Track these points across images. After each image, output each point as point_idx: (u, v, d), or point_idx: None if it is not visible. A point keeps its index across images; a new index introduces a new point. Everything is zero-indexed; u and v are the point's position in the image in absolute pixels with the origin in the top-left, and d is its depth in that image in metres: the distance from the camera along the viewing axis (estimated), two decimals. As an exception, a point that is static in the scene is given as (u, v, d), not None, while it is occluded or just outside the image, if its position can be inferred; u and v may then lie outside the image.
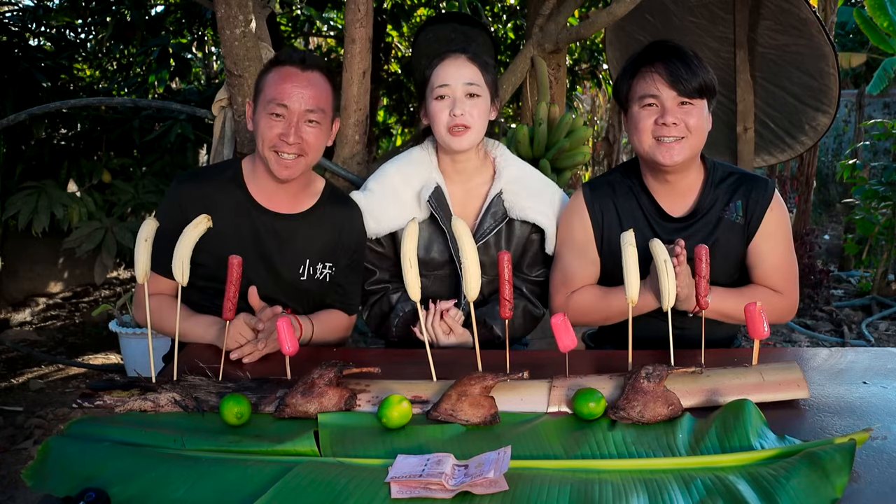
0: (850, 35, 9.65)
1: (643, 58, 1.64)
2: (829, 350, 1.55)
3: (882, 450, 1.09)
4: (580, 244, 1.74)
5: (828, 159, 8.63)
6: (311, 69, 1.65)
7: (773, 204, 1.68)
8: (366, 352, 2.28)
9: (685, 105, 1.60)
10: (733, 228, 1.69)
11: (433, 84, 1.73)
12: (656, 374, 1.22)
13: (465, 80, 1.71)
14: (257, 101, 1.68)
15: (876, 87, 7.03)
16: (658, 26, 3.68)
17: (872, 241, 5.01)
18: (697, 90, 1.59)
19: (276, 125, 1.62)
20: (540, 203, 1.81)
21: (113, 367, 3.73)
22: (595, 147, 8.11)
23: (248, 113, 1.72)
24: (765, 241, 1.68)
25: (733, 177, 1.72)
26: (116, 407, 1.27)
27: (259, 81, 1.69)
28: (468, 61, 1.73)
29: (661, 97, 1.60)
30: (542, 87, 2.87)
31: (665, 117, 1.59)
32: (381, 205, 1.80)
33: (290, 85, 1.62)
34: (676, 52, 1.61)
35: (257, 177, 1.73)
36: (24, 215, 3.78)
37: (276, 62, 1.67)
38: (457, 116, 1.69)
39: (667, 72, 1.59)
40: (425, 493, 0.97)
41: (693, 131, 1.60)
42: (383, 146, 7.29)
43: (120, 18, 4.96)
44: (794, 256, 1.72)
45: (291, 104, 1.62)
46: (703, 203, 1.69)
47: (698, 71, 1.59)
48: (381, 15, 5.43)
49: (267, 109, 1.63)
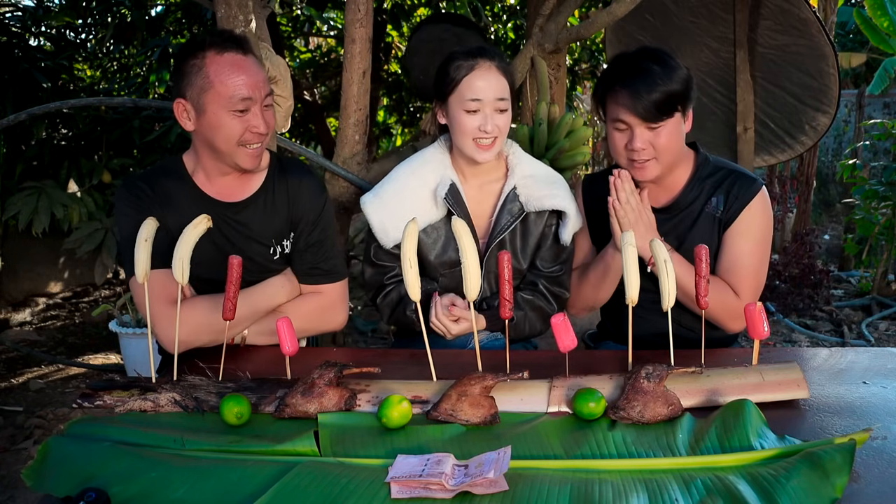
0: (850, 35, 9.66)
1: (608, 78, 1.65)
2: (829, 350, 1.55)
3: (882, 450, 1.09)
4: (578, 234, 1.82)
5: (828, 159, 8.63)
6: (248, 52, 1.56)
7: (753, 202, 1.67)
8: (366, 352, 2.28)
9: (654, 129, 1.60)
10: (714, 222, 1.70)
11: (463, 95, 1.69)
12: (656, 374, 1.22)
13: (497, 95, 1.68)
14: (198, 95, 1.53)
15: (876, 87, 7.03)
16: (658, 26, 3.68)
17: (872, 241, 5.01)
18: (665, 109, 1.58)
19: (240, 121, 1.55)
20: (556, 189, 1.80)
21: (113, 367, 3.73)
22: (595, 147, 8.11)
23: (180, 113, 1.57)
24: (733, 237, 1.68)
25: (722, 171, 1.72)
26: (116, 407, 1.28)
27: (190, 71, 1.53)
28: (499, 73, 1.70)
29: (629, 123, 1.61)
30: (542, 87, 2.87)
31: (633, 142, 1.61)
32: (395, 214, 1.76)
33: (244, 76, 1.53)
34: (636, 71, 1.59)
35: (204, 170, 1.66)
36: (25, 215, 3.78)
37: (207, 47, 1.53)
38: (488, 133, 1.69)
39: (630, 98, 1.58)
40: (425, 493, 0.97)
41: (662, 151, 1.62)
42: (383, 146, 7.29)
43: (120, 19, 4.96)
44: (762, 263, 1.69)
45: (253, 94, 1.54)
46: (685, 196, 1.72)
47: (661, 85, 1.57)
48: (381, 15, 5.43)
49: (227, 107, 1.53)
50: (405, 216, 1.75)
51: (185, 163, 1.68)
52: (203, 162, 1.65)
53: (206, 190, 1.66)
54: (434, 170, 1.79)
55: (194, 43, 1.56)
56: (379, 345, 4.09)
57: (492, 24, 6.04)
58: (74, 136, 4.53)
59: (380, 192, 1.80)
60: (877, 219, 4.86)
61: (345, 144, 2.47)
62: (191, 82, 1.54)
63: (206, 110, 1.54)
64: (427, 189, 1.78)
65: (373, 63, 2.51)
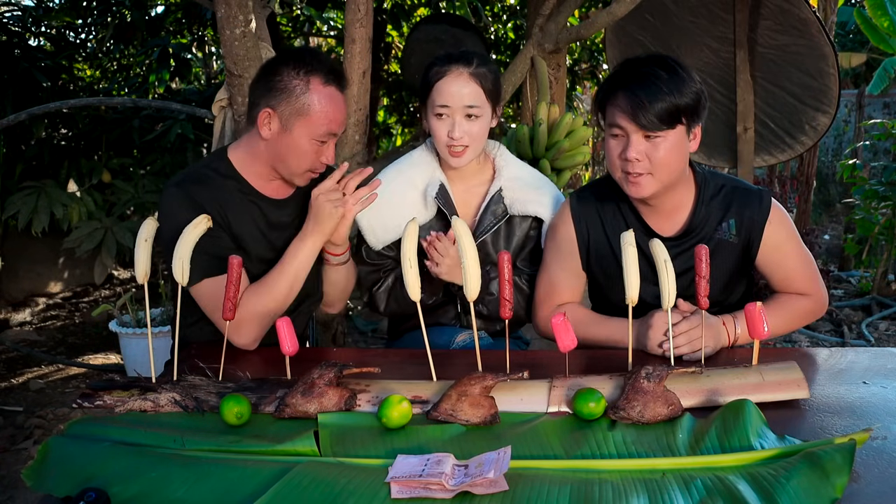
0: (850, 35, 9.66)
1: (610, 82, 1.54)
2: (829, 350, 1.55)
3: (882, 450, 1.09)
4: (564, 254, 1.70)
5: (828, 159, 8.62)
6: (345, 88, 1.63)
7: (771, 216, 1.60)
8: (366, 352, 2.28)
9: (651, 138, 1.48)
10: (726, 247, 1.62)
11: (433, 100, 1.70)
12: (656, 374, 1.22)
13: (465, 101, 1.68)
14: (290, 115, 1.57)
15: (876, 87, 7.03)
16: (658, 26, 3.68)
17: (872, 241, 5.00)
18: (667, 119, 1.45)
19: (317, 151, 1.61)
20: (540, 195, 1.81)
21: (113, 367, 3.73)
22: (595, 147, 8.10)
23: (263, 119, 1.59)
24: (773, 253, 1.62)
25: (725, 190, 1.62)
26: (116, 407, 1.27)
27: (291, 90, 1.56)
28: (470, 79, 1.69)
29: (626, 129, 1.49)
30: (542, 87, 2.87)
31: (628, 151, 1.48)
32: (383, 216, 1.77)
33: (339, 114, 1.60)
34: (640, 76, 1.47)
35: (254, 166, 1.68)
36: (24, 215, 3.78)
37: (318, 75, 1.57)
38: (455, 139, 1.69)
39: (628, 104, 1.46)
40: (425, 493, 0.97)
41: (660, 166, 1.48)
42: (383, 146, 7.29)
43: (120, 19, 4.96)
44: (809, 254, 1.67)
45: (338, 131, 1.62)
46: (694, 222, 1.61)
47: (666, 94, 1.45)
48: (381, 15, 5.43)
49: (313, 136, 1.58)
50: (393, 218, 1.76)
51: (231, 158, 1.70)
52: (257, 164, 1.68)
53: (256, 186, 1.69)
54: (422, 171, 1.81)
55: (298, 59, 1.59)
56: (379, 345, 4.09)
57: (492, 24, 6.04)
58: (74, 135, 4.53)
59: None
60: (877, 219, 4.86)
61: (345, 144, 2.47)
62: (288, 100, 1.57)
63: (292, 132, 1.58)
64: (416, 191, 1.79)
65: (373, 63, 2.51)
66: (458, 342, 1.75)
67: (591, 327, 1.63)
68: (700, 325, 1.44)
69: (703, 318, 1.44)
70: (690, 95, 1.48)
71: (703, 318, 1.44)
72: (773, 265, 1.64)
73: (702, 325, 1.43)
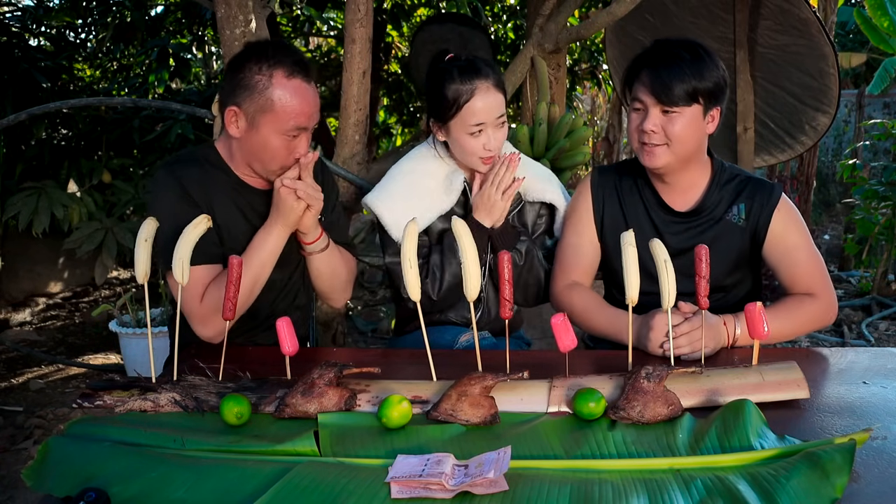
0: (850, 35, 9.66)
1: (638, 61, 1.64)
2: (829, 350, 1.55)
3: (882, 450, 1.09)
4: (582, 223, 1.79)
5: (828, 159, 8.62)
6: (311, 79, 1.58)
7: (780, 205, 1.67)
8: (366, 352, 2.28)
9: (668, 113, 1.58)
10: (734, 230, 1.69)
11: (466, 120, 1.71)
12: (656, 374, 1.22)
13: (497, 113, 1.73)
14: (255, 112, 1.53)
15: (876, 87, 7.03)
16: (658, 26, 3.68)
17: (872, 241, 5.00)
18: (685, 97, 1.56)
19: (288, 145, 1.56)
20: (551, 185, 1.91)
21: (113, 367, 3.73)
22: (595, 147, 8.11)
23: (230, 118, 1.56)
24: (780, 241, 1.67)
25: (739, 178, 1.71)
26: (116, 407, 1.27)
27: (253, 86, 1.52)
28: (496, 90, 1.73)
29: (646, 103, 1.60)
30: (542, 87, 2.87)
31: (645, 123, 1.60)
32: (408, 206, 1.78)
33: (306, 106, 1.54)
34: (666, 56, 1.58)
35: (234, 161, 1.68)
36: (25, 216, 3.78)
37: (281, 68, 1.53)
38: (492, 151, 1.73)
39: (649, 79, 1.58)
40: (425, 494, 0.97)
41: (675, 139, 1.59)
42: (383, 146, 7.29)
43: (120, 19, 4.96)
44: (818, 254, 1.69)
45: (308, 124, 1.57)
46: (707, 201, 1.70)
47: (688, 77, 1.55)
48: (381, 15, 5.43)
49: (281, 131, 1.54)
50: (418, 207, 1.79)
51: (219, 150, 1.69)
52: (236, 159, 1.67)
53: (243, 178, 1.69)
54: (437, 164, 1.84)
55: (260, 53, 1.54)
56: (379, 345, 4.09)
57: (492, 24, 6.04)
58: (74, 136, 4.53)
59: (387, 188, 1.83)
60: (877, 219, 4.86)
61: (345, 144, 2.47)
62: (251, 97, 1.53)
63: (259, 129, 1.55)
64: (435, 180, 1.83)
65: (373, 63, 2.51)
66: (461, 342, 1.76)
67: (596, 313, 1.68)
68: (701, 325, 1.45)
69: (703, 318, 1.44)
70: (711, 80, 1.57)
71: (703, 319, 1.44)
72: (778, 255, 1.67)
73: (702, 325, 1.44)
